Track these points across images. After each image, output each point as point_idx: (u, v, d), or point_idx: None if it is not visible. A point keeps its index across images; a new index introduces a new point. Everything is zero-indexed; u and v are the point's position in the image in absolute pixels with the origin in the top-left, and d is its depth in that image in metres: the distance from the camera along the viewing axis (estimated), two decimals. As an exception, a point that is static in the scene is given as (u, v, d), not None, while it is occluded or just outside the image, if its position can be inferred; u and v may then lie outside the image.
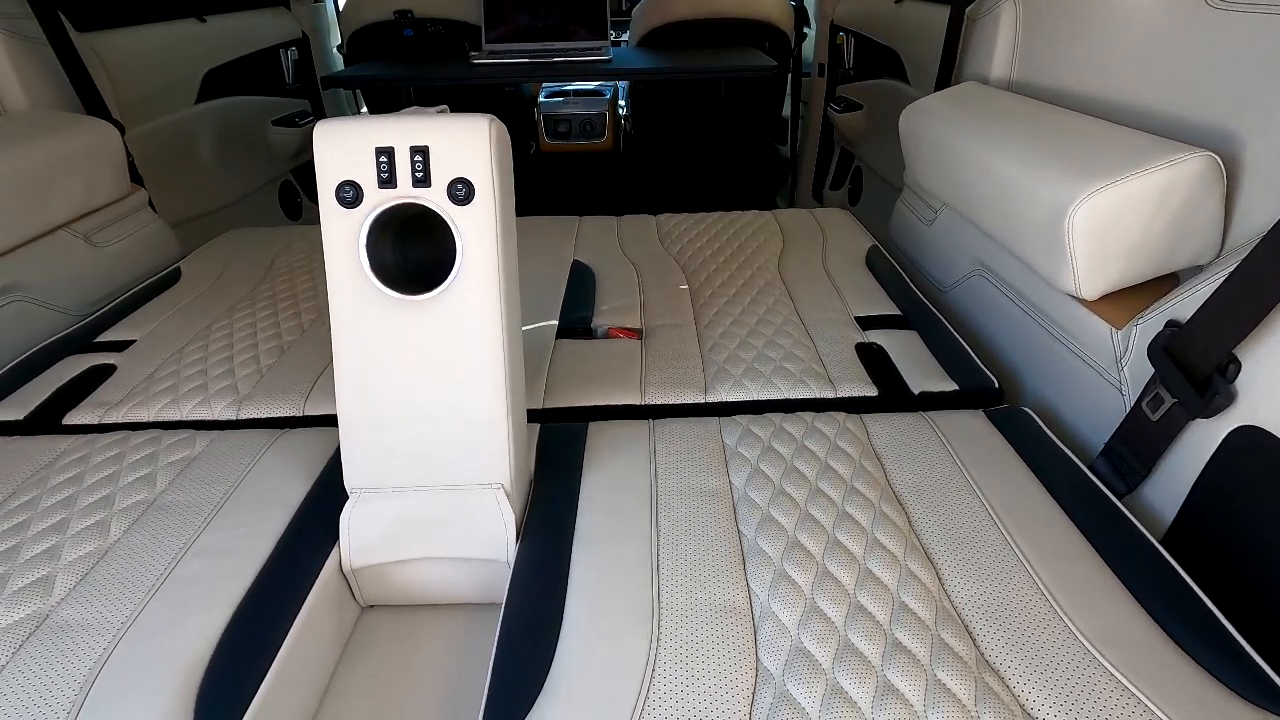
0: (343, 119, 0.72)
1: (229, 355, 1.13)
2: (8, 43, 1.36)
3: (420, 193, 0.72)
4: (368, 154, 0.71)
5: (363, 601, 0.82)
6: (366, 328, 0.74)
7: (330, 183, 0.71)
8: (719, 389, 1.02)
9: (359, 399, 0.76)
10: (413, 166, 0.71)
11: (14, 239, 1.22)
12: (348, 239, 0.72)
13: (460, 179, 0.71)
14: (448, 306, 0.74)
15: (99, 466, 0.87)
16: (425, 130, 0.71)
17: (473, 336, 0.75)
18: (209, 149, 2.05)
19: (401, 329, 0.74)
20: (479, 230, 0.72)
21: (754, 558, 0.72)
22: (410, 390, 0.75)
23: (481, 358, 0.75)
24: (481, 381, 0.75)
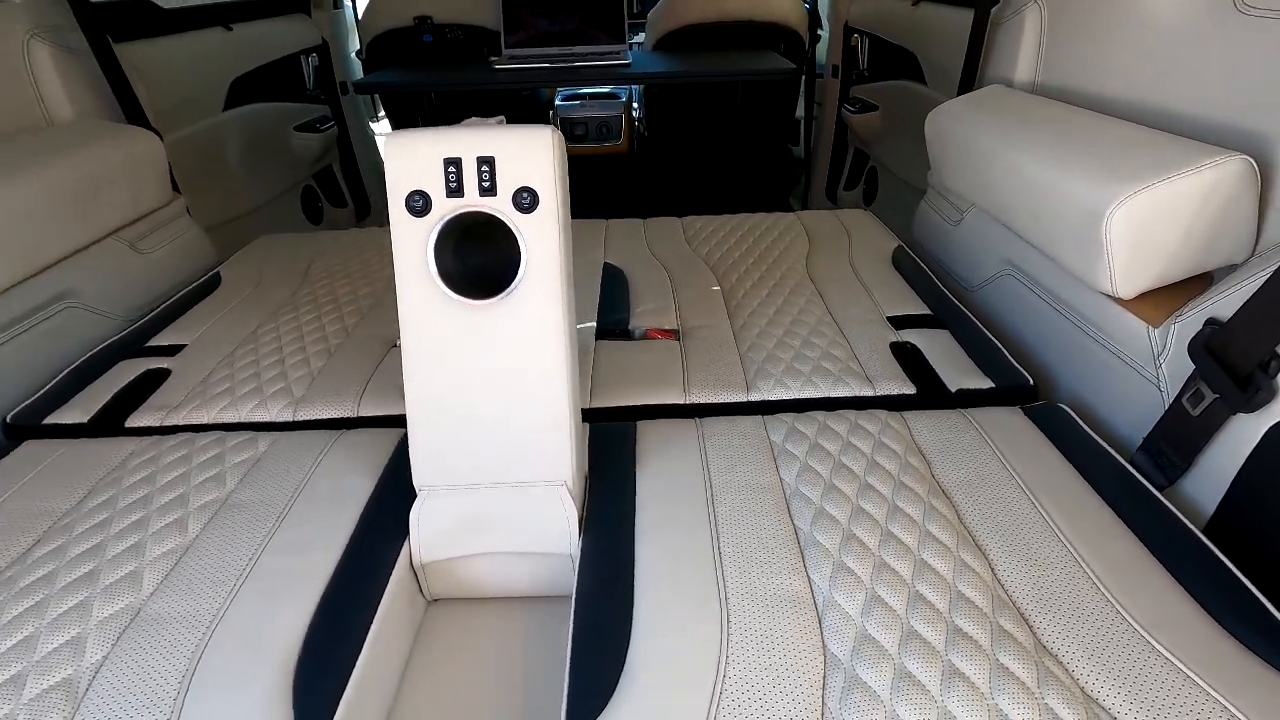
0: (412, 131, 0.75)
1: (279, 359, 1.16)
2: (55, 55, 1.39)
3: (487, 201, 0.74)
4: (436, 164, 0.74)
5: (429, 595, 0.85)
6: (434, 332, 0.77)
7: (401, 192, 0.74)
8: (761, 388, 1.05)
9: (427, 400, 0.79)
10: (479, 176, 0.74)
11: (69, 247, 1.25)
12: (416, 246, 0.75)
13: (525, 188, 0.74)
14: (512, 310, 0.77)
15: (169, 467, 0.91)
16: (491, 141, 0.74)
17: (536, 339, 0.77)
18: (236, 155, 2.08)
19: (468, 333, 0.77)
20: (542, 237, 0.75)
21: (811, 549, 0.74)
22: (476, 392, 0.78)
23: (545, 359, 0.78)
24: (545, 382, 0.78)
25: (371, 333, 1.24)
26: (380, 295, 1.39)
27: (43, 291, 1.20)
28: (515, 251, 0.75)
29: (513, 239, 0.75)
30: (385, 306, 1.34)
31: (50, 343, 1.20)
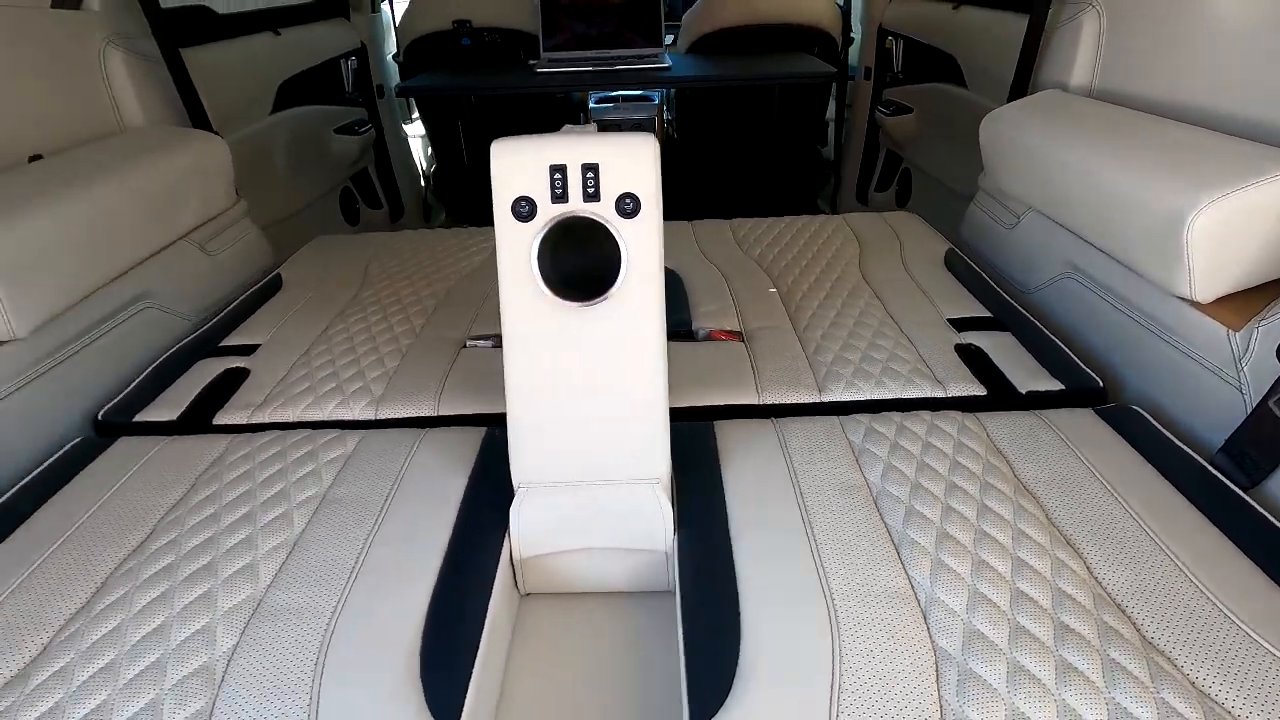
0: (516, 139, 0.77)
1: (354, 359, 1.19)
2: (128, 62, 1.42)
3: (591, 207, 0.77)
4: (542, 171, 0.76)
5: (523, 589, 0.87)
6: (535, 333, 0.79)
7: (506, 197, 0.76)
8: (833, 389, 1.07)
9: (528, 400, 0.81)
10: (585, 183, 0.76)
11: (148, 249, 1.28)
12: (520, 250, 0.77)
13: (628, 194, 0.76)
14: (611, 313, 0.79)
15: (265, 464, 0.93)
16: (596, 149, 0.76)
17: (634, 341, 0.80)
18: (282, 157, 2.12)
19: (568, 334, 0.79)
20: (643, 241, 0.77)
21: (907, 547, 0.76)
22: (575, 391, 0.81)
23: (642, 360, 0.80)
24: (642, 383, 0.80)
25: (439, 334, 1.27)
26: (441, 297, 1.42)
27: (124, 293, 1.24)
28: (616, 255, 0.78)
29: (614, 243, 0.77)
30: (449, 307, 1.37)
31: (129, 342, 1.24)
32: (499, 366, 1.16)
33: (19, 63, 1.28)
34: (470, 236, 1.73)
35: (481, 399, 1.08)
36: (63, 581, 0.77)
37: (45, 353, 1.08)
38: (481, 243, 1.69)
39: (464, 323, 1.31)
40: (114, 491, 0.90)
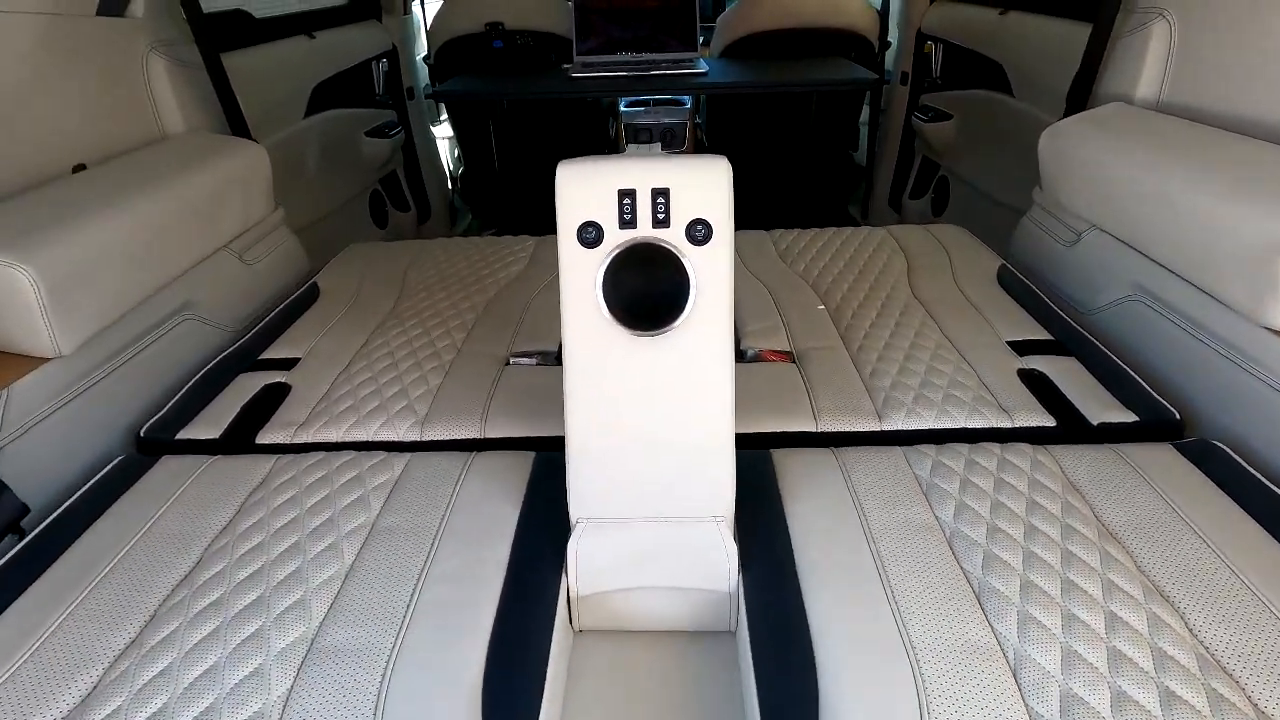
0: (582, 161, 0.74)
1: (396, 375, 1.16)
2: (170, 69, 1.41)
3: (660, 233, 0.73)
4: (610, 196, 0.73)
5: (578, 626, 0.84)
6: (599, 363, 0.76)
7: (572, 223, 0.73)
8: (893, 417, 1.03)
9: (589, 431, 0.78)
10: (654, 208, 0.73)
11: (191, 260, 1.27)
12: (586, 277, 0.74)
13: (699, 220, 0.73)
14: (678, 343, 0.75)
15: (312, 489, 0.91)
16: (666, 172, 0.72)
17: (701, 373, 0.76)
18: (315, 161, 2.10)
19: (633, 364, 0.76)
20: (714, 269, 0.74)
21: (990, 597, 0.72)
22: (639, 424, 0.77)
23: (709, 393, 0.76)
24: (708, 416, 0.77)
25: (482, 349, 1.24)
26: (481, 310, 1.39)
27: (166, 305, 1.22)
28: (684, 283, 0.74)
29: (683, 271, 0.74)
30: (490, 320, 1.34)
31: (170, 355, 1.22)
32: (544, 385, 1.13)
33: (64, 71, 1.27)
34: (506, 245, 1.70)
35: (529, 421, 1.05)
36: (111, 613, 0.75)
37: (88, 368, 1.06)
38: (519, 252, 1.67)
39: (506, 338, 1.28)
40: (159, 516, 0.88)
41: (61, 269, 1.00)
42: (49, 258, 0.98)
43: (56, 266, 0.99)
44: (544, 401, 1.09)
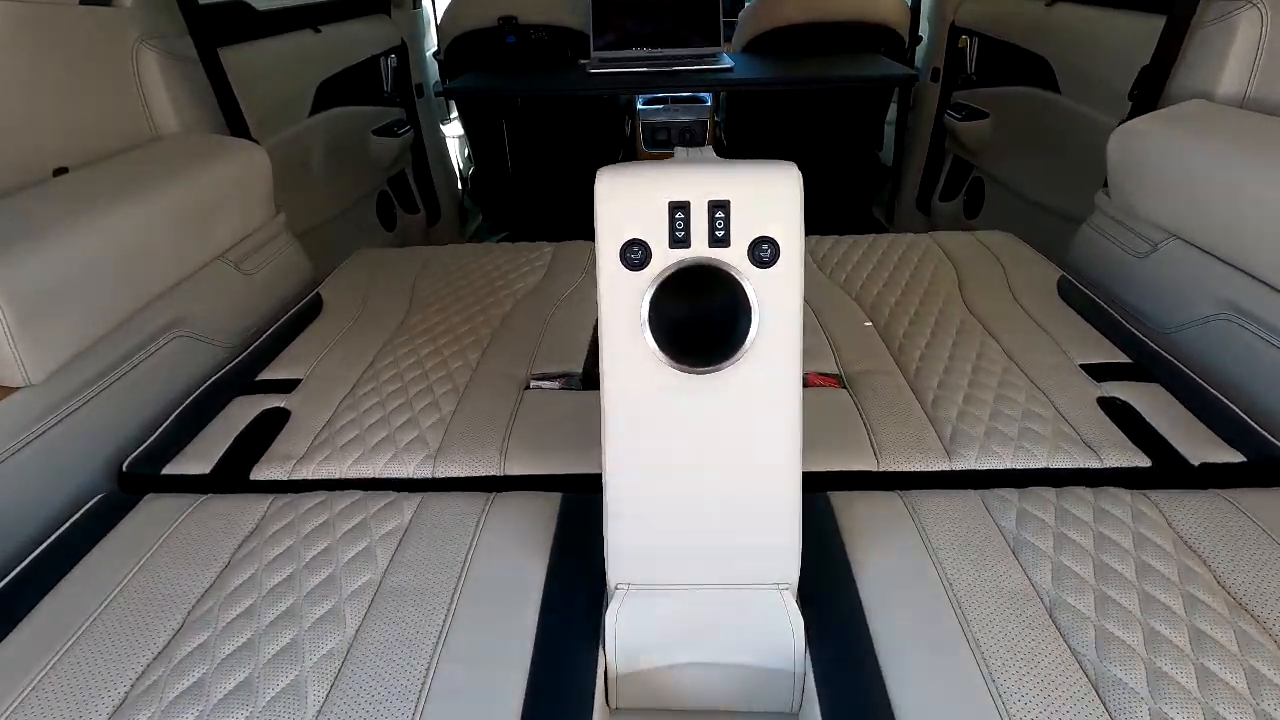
0: (625, 168, 0.63)
1: (405, 400, 1.06)
2: (162, 63, 1.30)
3: (718, 253, 0.62)
4: (659, 210, 0.62)
5: (615, 704, 0.73)
6: (644, 405, 0.65)
7: (615, 241, 0.62)
8: (964, 454, 0.91)
9: (632, 485, 0.67)
10: (712, 224, 0.61)
11: (182, 272, 1.16)
12: (629, 304, 0.63)
13: (765, 238, 0.62)
14: (737, 382, 0.64)
15: (310, 539, 0.80)
16: (726, 182, 0.61)
17: (764, 417, 0.65)
18: (320, 161, 2.00)
19: (683, 407, 0.65)
20: (781, 297, 0.63)
21: (1112, 689, 0.61)
22: (689, 476, 0.66)
23: (773, 442, 0.65)
24: (771, 468, 0.66)
25: (498, 369, 1.13)
26: (497, 324, 1.28)
27: (154, 321, 1.12)
28: (745, 312, 0.63)
29: (744, 298, 0.63)
30: (507, 337, 1.23)
31: (158, 377, 1.12)
32: (569, 413, 1.02)
33: (44, 65, 1.16)
34: (522, 252, 1.59)
35: (552, 456, 0.94)
36: (73, 700, 0.64)
37: (64, 396, 0.96)
38: (535, 260, 1.56)
39: (525, 357, 1.17)
40: (136, 571, 0.77)
41: (31, 287, 0.89)
42: (16, 275, 0.88)
43: (24, 284, 0.88)
44: (569, 432, 0.98)
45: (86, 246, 0.99)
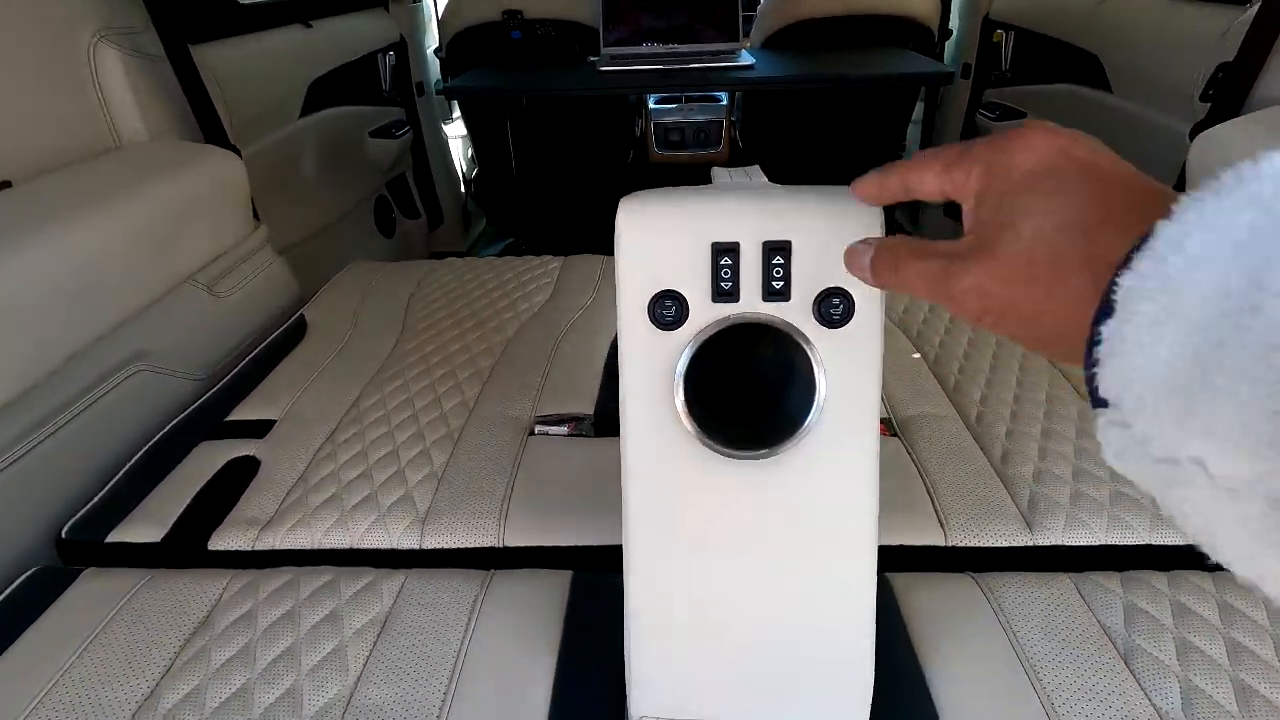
0: (654, 195, 0.49)
1: (393, 450, 0.92)
2: (126, 64, 1.17)
3: (775, 308, 0.48)
4: (700, 252, 0.48)
5: None
6: (677, 498, 0.51)
7: (641, 293, 0.48)
8: (1048, 525, 0.77)
9: (661, 598, 0.53)
10: (767, 272, 0.47)
11: (144, 299, 1.03)
12: (658, 372, 0.49)
13: (835, 290, 0.48)
14: (796, 471, 0.50)
15: (272, 635, 0.67)
16: (787, 217, 0.47)
17: (830, 515, 0.51)
18: (312, 166, 1.87)
19: (727, 501, 0.51)
20: (855, 365, 0.49)
21: None
22: (733, 589, 0.52)
23: (840, 547, 0.52)
24: (838, 579, 0.52)
25: (499, 411, 1.00)
26: (499, 353, 1.15)
27: (109, 356, 0.99)
28: (808, 384, 0.49)
29: (808, 366, 0.49)
30: (509, 369, 1.10)
31: (116, 418, 0.99)
32: (579, 467, 0.88)
33: None
34: (527, 268, 1.46)
35: (561, 522, 0.81)
36: None
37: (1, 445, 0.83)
38: (541, 277, 1.42)
39: (529, 395, 1.03)
40: (63, 671, 0.64)
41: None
42: None
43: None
44: (580, 491, 0.84)
45: (30, 270, 0.86)
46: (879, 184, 0.40)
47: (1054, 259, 0.28)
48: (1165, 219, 0.23)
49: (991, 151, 0.32)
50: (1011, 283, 0.30)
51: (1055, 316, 0.29)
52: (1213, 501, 0.21)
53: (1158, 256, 0.23)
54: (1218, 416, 0.20)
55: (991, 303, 0.31)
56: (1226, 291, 0.21)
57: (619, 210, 0.48)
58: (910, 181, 0.37)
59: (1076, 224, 0.28)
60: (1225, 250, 0.21)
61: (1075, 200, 0.29)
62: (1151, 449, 0.23)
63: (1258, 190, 0.22)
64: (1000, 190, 0.31)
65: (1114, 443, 0.24)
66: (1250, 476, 0.20)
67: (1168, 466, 0.22)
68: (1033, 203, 0.30)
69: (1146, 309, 0.23)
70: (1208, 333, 0.21)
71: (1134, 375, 0.23)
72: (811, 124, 2.50)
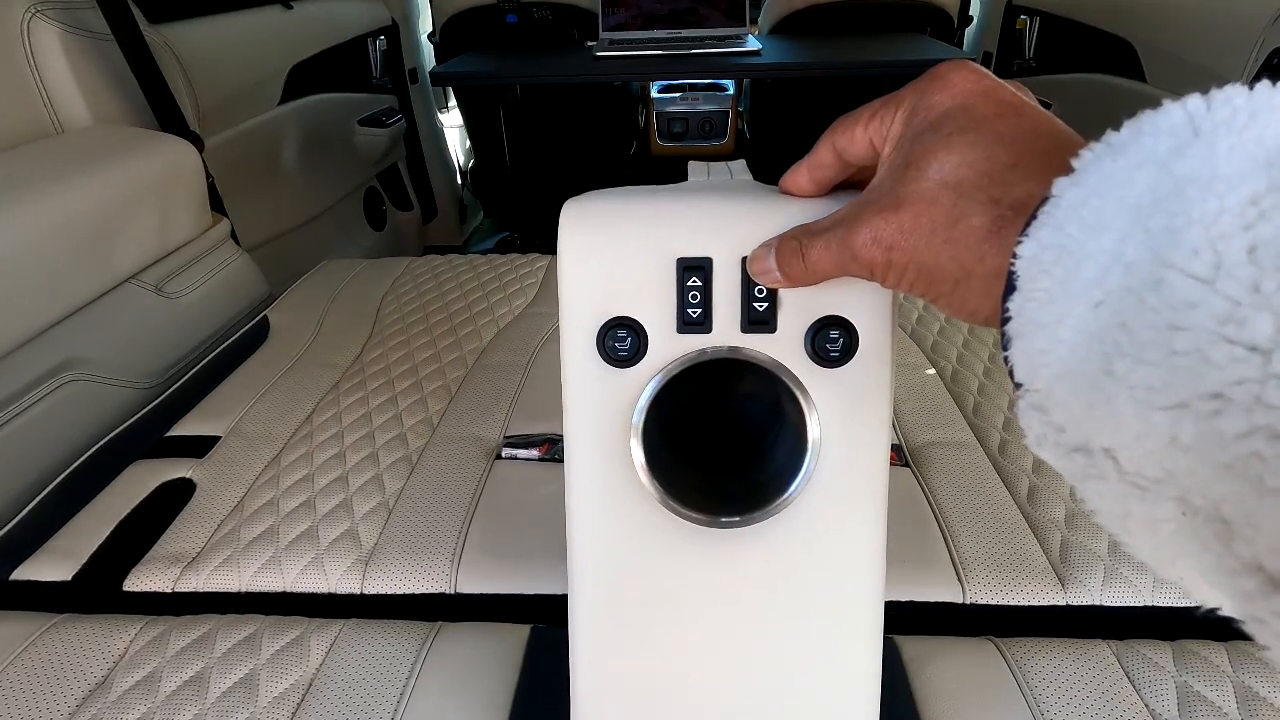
0: (605, 195, 0.39)
1: (342, 474, 0.83)
2: (65, 41, 1.07)
3: (756, 342, 0.38)
4: (662, 270, 0.37)
5: None
6: (631, 569, 0.41)
7: (589, 320, 0.38)
8: (1083, 581, 0.66)
9: (616, 692, 0.43)
10: (748, 296, 0.37)
11: (74, 301, 0.94)
12: (609, 417, 0.39)
13: (834, 320, 0.37)
14: (782, 541, 0.40)
15: (172, 707, 0.57)
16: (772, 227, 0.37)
17: (822, 588, 0.41)
18: (293, 157, 1.77)
19: (697, 577, 0.41)
20: (859, 410, 0.38)
21: None
22: (700, 671, 0.43)
23: (834, 618, 0.41)
24: (830, 655, 0.42)
25: (464, 430, 0.90)
26: (471, 362, 1.05)
27: (36, 363, 0.89)
28: (798, 437, 0.39)
29: (796, 414, 0.38)
30: (480, 382, 1.00)
31: (42, 434, 0.90)
32: (546, 500, 0.78)
33: None
34: (510, 266, 1.36)
35: (522, 565, 0.71)
36: None
37: None
38: (526, 277, 1.32)
39: (499, 412, 0.93)
40: None
41: None
42: None
43: None
44: (545, 527, 0.74)
45: None
46: (808, 165, 0.35)
47: (955, 199, 0.26)
48: (1065, 177, 0.22)
49: (914, 94, 0.30)
50: (914, 230, 0.27)
51: (958, 265, 0.26)
52: (1124, 499, 0.19)
53: (1056, 223, 0.21)
54: (1119, 407, 0.18)
55: (894, 254, 0.28)
56: (1127, 264, 0.19)
57: (561, 215, 0.38)
58: (840, 143, 0.33)
59: (982, 163, 0.26)
60: (1124, 216, 0.19)
61: (986, 140, 0.26)
62: (1065, 438, 0.21)
63: (1152, 146, 0.20)
64: (914, 132, 0.29)
65: (1034, 428, 0.23)
66: (1159, 475, 0.18)
67: (1082, 456, 0.21)
68: (939, 140, 0.27)
69: (1045, 284, 0.21)
70: (1108, 311, 0.19)
71: (1039, 358, 0.21)
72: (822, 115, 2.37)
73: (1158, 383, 0.17)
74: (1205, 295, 0.17)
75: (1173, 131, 0.20)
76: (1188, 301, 0.17)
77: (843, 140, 0.33)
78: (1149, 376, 0.18)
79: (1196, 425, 0.17)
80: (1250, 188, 0.17)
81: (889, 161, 0.30)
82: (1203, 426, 0.16)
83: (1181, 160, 0.19)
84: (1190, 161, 0.19)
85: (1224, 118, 0.19)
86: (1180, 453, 0.17)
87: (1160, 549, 0.19)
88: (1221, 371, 0.16)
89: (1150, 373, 0.18)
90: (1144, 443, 0.18)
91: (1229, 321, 0.16)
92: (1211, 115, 0.19)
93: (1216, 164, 0.18)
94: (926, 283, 0.28)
